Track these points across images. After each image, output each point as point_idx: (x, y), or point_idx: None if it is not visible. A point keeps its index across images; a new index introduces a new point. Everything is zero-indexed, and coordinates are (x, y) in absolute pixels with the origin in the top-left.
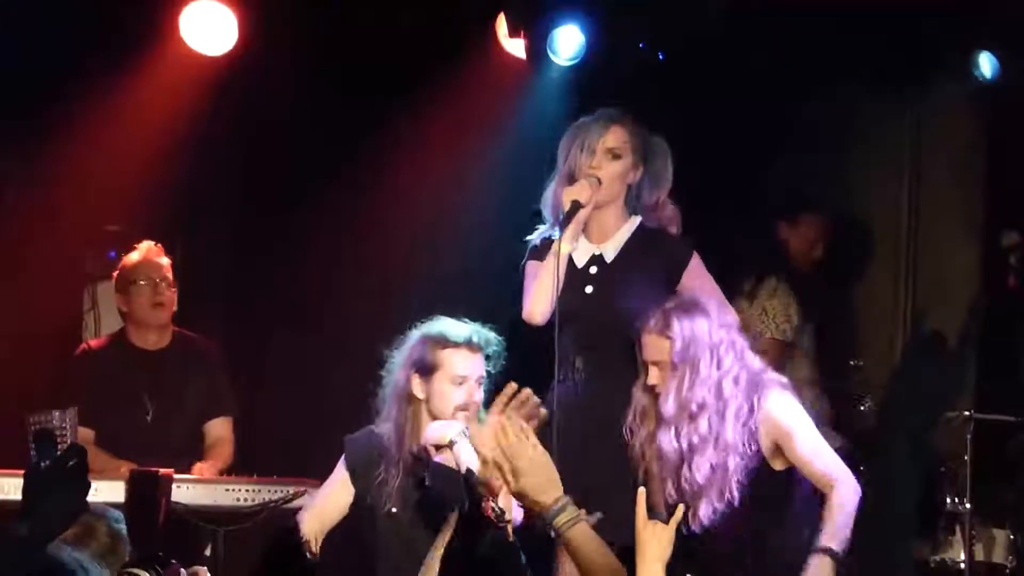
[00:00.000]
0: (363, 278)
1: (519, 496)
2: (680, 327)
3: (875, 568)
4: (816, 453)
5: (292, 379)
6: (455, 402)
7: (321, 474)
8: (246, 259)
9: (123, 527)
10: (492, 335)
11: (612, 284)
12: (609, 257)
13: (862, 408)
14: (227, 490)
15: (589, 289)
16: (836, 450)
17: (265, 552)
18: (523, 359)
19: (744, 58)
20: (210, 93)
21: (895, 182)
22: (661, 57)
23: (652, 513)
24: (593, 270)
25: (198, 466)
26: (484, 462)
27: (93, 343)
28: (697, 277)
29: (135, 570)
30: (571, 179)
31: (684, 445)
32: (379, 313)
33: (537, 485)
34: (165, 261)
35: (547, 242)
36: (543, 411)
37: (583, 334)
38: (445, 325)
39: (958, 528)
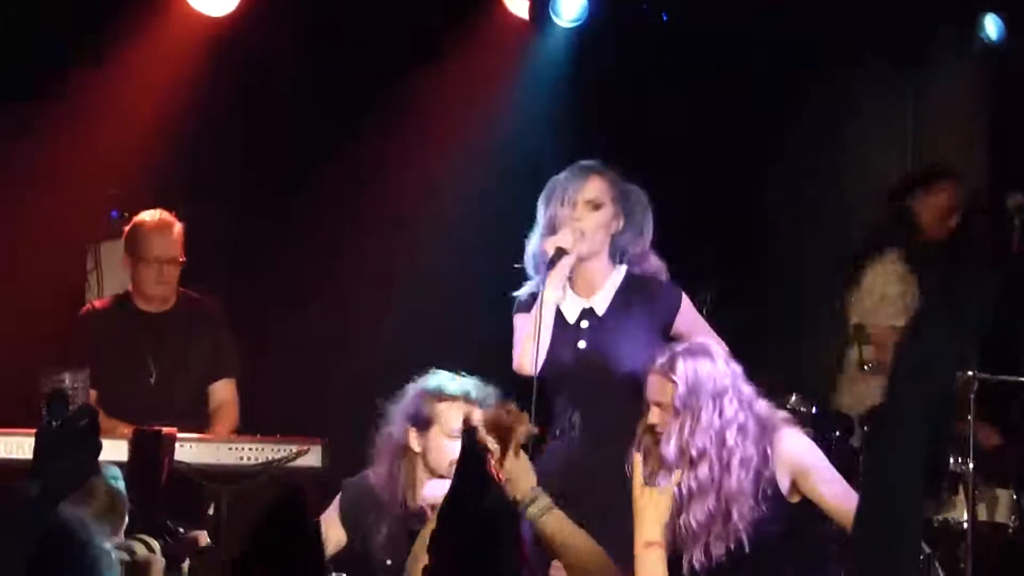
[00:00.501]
0: (367, 240)
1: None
2: (685, 370)
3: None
4: (835, 489)
5: (295, 340)
6: (451, 456)
7: (322, 434)
8: (249, 221)
9: (122, 484)
10: (490, 389)
11: (606, 337)
12: (600, 310)
13: (865, 368)
14: (230, 449)
15: (582, 344)
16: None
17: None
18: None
19: (745, 25)
20: (212, 54)
21: (898, 151)
22: (664, 19)
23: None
24: (585, 324)
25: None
26: None
27: (97, 304)
28: (690, 321)
29: (145, 538)
30: (553, 232)
31: (684, 491)
32: (382, 276)
33: (511, 484)
34: (177, 230)
35: (534, 297)
36: (532, 427)
37: (579, 390)
38: (441, 379)
39: (961, 488)
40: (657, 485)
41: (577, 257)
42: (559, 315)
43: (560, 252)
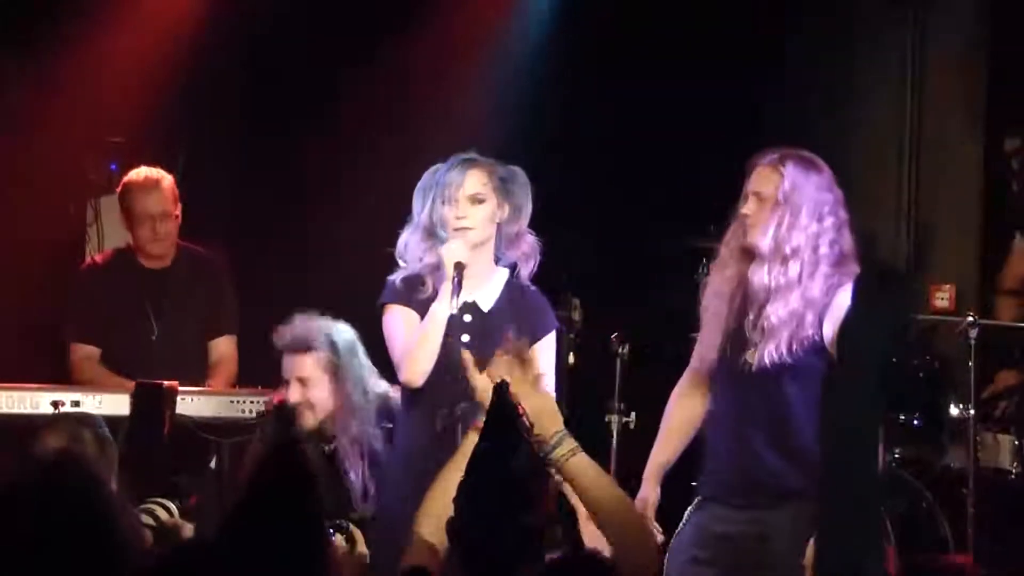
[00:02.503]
0: (362, 190)
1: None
2: (794, 169)
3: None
4: None
5: (298, 293)
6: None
7: None
8: (252, 172)
9: (107, 431)
10: (321, 334)
11: (490, 334)
12: (485, 307)
13: None
14: (231, 402)
15: (465, 338)
16: None
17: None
18: None
19: None
20: (213, 2)
21: (898, 84)
22: None
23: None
24: (468, 318)
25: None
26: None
27: (98, 258)
28: (542, 352)
29: (163, 501)
30: (431, 232)
31: (772, 283)
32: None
33: (535, 424)
34: (167, 185)
35: (410, 282)
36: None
37: (459, 385)
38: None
39: (963, 434)
40: (749, 274)
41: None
42: None
43: (460, 267)
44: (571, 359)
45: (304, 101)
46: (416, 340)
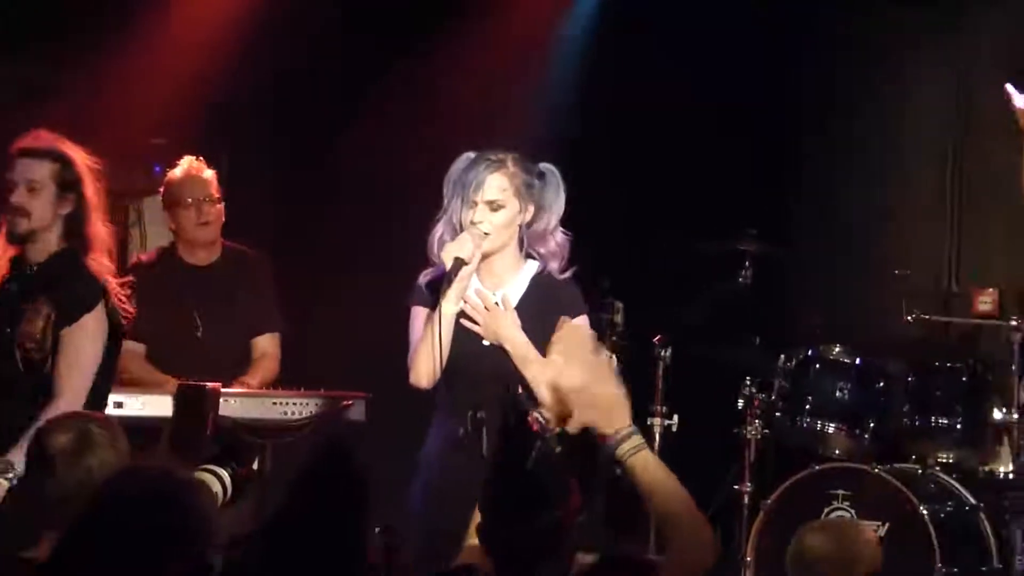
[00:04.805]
0: (409, 188)
1: (584, 428)
2: None
3: None
4: None
5: (340, 293)
6: None
7: (366, 389)
8: (294, 173)
9: (115, 423)
10: None
11: None
12: (508, 304)
13: (909, 319)
14: (274, 403)
15: (487, 341)
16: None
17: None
18: None
19: None
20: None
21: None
22: None
23: None
24: None
25: (239, 381)
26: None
27: (144, 257)
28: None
29: (214, 468)
30: (456, 229)
31: None
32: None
33: (601, 418)
34: (208, 175)
35: (434, 282)
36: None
37: (483, 387)
38: None
39: (1006, 439)
40: None
41: (482, 254)
42: (465, 307)
43: (459, 264)
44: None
45: (348, 101)
46: (419, 340)
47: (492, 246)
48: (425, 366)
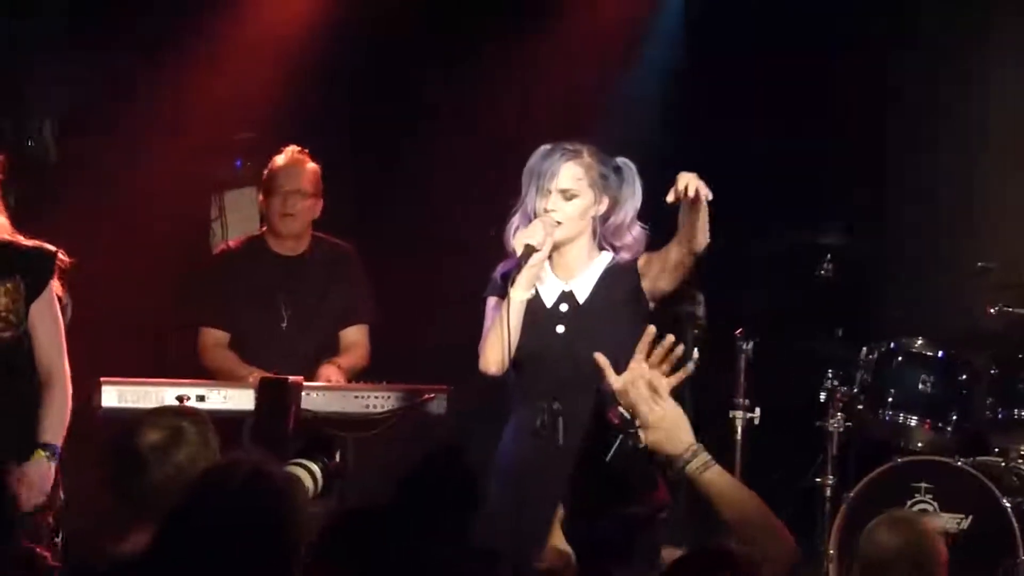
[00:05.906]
0: (488, 182)
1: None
2: None
3: None
4: None
5: (422, 286)
6: None
7: (447, 382)
8: (379, 167)
9: (206, 420)
10: None
11: (587, 323)
12: (581, 296)
13: (992, 312)
14: (356, 397)
15: (560, 329)
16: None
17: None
18: None
19: None
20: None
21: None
22: None
23: None
24: (564, 308)
25: (324, 369)
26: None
27: (232, 243)
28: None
29: (304, 462)
30: (530, 219)
31: None
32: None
33: (666, 439)
34: (308, 168)
35: (509, 275)
36: (690, 365)
37: (557, 379)
38: None
39: None
40: None
41: (554, 243)
42: (536, 297)
43: (529, 250)
44: (695, 355)
45: (432, 98)
46: (489, 327)
47: (564, 235)
48: (494, 353)
